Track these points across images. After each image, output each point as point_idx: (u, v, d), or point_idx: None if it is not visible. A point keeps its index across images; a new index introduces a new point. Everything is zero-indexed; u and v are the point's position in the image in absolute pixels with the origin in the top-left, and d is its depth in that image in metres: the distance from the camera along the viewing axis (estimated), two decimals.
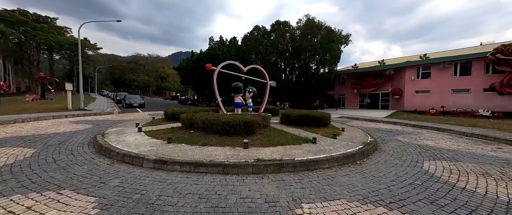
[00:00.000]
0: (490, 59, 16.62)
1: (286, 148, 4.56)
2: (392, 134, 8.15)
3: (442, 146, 5.95)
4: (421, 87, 20.57)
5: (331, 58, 24.38)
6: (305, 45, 22.21)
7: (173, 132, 5.96)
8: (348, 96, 28.08)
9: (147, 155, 3.79)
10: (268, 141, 5.08)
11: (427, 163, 4.23)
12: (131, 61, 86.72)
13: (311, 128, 7.21)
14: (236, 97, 8.75)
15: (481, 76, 17.60)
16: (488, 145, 6.28)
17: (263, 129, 6.26)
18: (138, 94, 71.97)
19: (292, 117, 7.50)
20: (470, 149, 5.68)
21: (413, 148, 5.68)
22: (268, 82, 10.07)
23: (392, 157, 4.73)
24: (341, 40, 24.40)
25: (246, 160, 3.67)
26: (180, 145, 4.60)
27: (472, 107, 16.84)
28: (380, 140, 6.73)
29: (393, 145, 5.96)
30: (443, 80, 19.39)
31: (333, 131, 6.86)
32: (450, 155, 4.95)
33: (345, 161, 4.18)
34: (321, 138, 5.75)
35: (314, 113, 7.57)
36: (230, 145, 4.61)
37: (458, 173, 3.67)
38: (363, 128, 9.20)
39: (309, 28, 22.43)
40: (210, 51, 21.44)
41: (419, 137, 7.41)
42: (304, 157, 3.94)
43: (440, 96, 19.15)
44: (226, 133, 5.29)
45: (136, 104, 18.88)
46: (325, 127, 7.64)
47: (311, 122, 7.35)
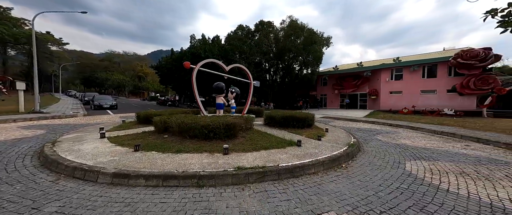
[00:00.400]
0: (452, 63, 18.40)
1: (270, 153, 4.24)
2: (372, 133, 8.37)
3: (418, 145, 6.17)
4: (395, 88, 22.05)
5: (313, 59, 24.96)
6: (288, 46, 22.40)
7: (144, 137, 5.27)
8: (329, 96, 29.07)
9: (105, 168, 3.15)
10: (251, 145, 4.71)
11: (408, 164, 4.24)
12: (104, 59, 79.81)
13: (296, 129, 7.04)
14: (218, 98, 8.24)
15: (445, 79, 19.41)
16: (457, 142, 6.70)
17: (246, 132, 5.88)
18: (112, 94, 66.47)
19: (276, 119, 7.25)
20: (443, 147, 5.96)
21: (393, 147, 5.78)
22: (251, 82, 9.72)
23: (375, 158, 4.70)
24: (323, 42, 25.13)
25: (225, 169, 3.25)
26: (149, 153, 3.99)
27: (438, 107, 18.47)
28: (362, 140, 6.80)
29: (374, 145, 6.02)
30: (413, 82, 21.00)
31: (317, 132, 6.76)
32: (427, 154, 5.09)
33: (331, 164, 3.99)
34: (306, 140, 5.56)
35: (298, 114, 7.41)
36: (208, 151, 4.14)
37: (439, 173, 3.69)
38: (345, 128, 9.34)
39: (292, 29, 22.68)
40: (192, 49, 20.42)
41: (397, 136, 7.69)
42: (289, 163, 3.65)
43: (411, 97, 20.70)
44: (205, 138, 4.80)
45: (106, 106, 17.10)
46: (309, 128, 7.54)
47: (296, 123, 7.17)
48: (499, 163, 4.33)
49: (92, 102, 17.29)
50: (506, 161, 4.46)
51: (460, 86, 18.15)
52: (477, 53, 17.33)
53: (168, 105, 26.72)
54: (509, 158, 4.76)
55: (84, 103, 20.71)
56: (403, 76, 21.72)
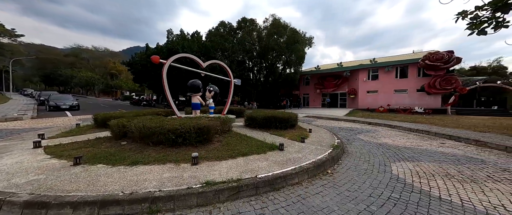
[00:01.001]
0: (421, 64, 19.83)
1: (248, 160, 3.67)
2: (353, 132, 8.32)
3: (399, 144, 6.15)
4: (371, 87, 23.15)
5: (296, 59, 25.09)
6: (271, 44, 22.11)
7: (96, 145, 4.32)
8: (311, 96, 29.61)
9: (15, 194, 2.27)
10: (227, 151, 4.09)
11: (394, 166, 4.03)
12: (69, 54, 71.57)
13: (278, 130, 6.59)
14: (194, 97, 7.43)
15: (415, 79, 20.87)
16: (433, 140, 6.88)
17: (223, 135, 5.24)
18: (79, 93, 59.89)
19: (257, 119, 6.72)
20: (421, 145, 6.00)
21: (376, 147, 5.65)
22: (232, 80, 9.05)
23: (361, 160, 4.43)
24: (305, 42, 25.38)
25: (189, 186, 2.59)
26: (93, 167, 3.14)
27: (410, 105, 19.77)
28: (346, 140, 6.62)
29: (357, 145, 5.83)
30: (388, 81, 22.24)
31: (300, 133, 6.39)
32: (409, 154, 5.00)
33: (316, 171, 3.57)
34: (289, 143, 5.11)
35: (281, 114, 6.98)
36: (174, 161, 3.42)
37: (425, 176, 3.49)
38: (328, 128, 9.21)
39: (275, 28, 22.45)
40: (168, 45, 18.89)
41: (377, 135, 7.71)
42: (269, 172, 3.12)
43: (386, 96, 21.91)
44: (172, 144, 4.05)
45: (65, 107, 14.89)
46: (292, 129, 7.16)
47: (278, 124, 6.73)
48: (476, 162, 4.34)
49: (47, 102, 14.91)
50: (482, 159, 4.51)
51: (427, 86, 19.66)
52: (442, 56, 18.90)
53: (142, 106, 24.57)
54: (482, 156, 4.87)
55: (39, 104, 17.90)
56: (379, 77, 22.91)
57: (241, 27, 24.40)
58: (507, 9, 5.99)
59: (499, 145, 5.57)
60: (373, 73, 23.33)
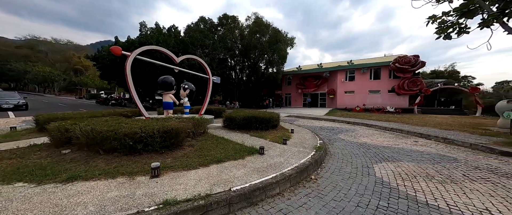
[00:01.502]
0: (392, 67, 21.34)
1: (222, 168, 3.16)
2: (334, 132, 8.33)
3: (377, 143, 6.21)
4: (349, 88, 24.27)
5: (278, 58, 25.12)
6: (254, 43, 21.73)
7: (26, 154, 3.38)
8: (293, 95, 30.04)
9: None
10: (198, 157, 3.52)
11: (377, 168, 3.89)
12: (22, 45, 62.23)
13: (259, 131, 6.18)
14: (165, 96, 6.63)
15: (387, 80, 22.41)
16: (407, 138, 7.15)
17: (196, 138, 4.63)
18: (34, 91, 52.36)
19: (237, 120, 6.21)
20: (398, 144, 6.13)
21: (357, 147, 5.58)
22: (210, 77, 8.38)
23: (344, 162, 4.23)
24: (287, 42, 25.56)
25: (140, 209, 2.00)
26: (8, 187, 2.32)
27: (382, 105, 21.14)
28: (327, 140, 6.50)
29: (339, 146, 5.72)
30: (363, 82, 23.53)
31: (282, 134, 6.07)
32: (388, 153, 4.99)
33: (299, 177, 3.22)
34: (270, 145, 4.72)
35: (262, 114, 6.58)
36: (128, 174, 2.76)
37: (408, 178, 3.38)
38: (309, 128, 9.11)
39: (257, 26, 22.11)
40: (141, 38, 17.21)
41: (356, 134, 7.79)
42: (246, 183, 2.66)
43: (361, 96, 23.14)
44: (130, 151, 3.34)
45: (7, 106, 12.51)
46: (274, 129, 6.82)
47: (259, 124, 6.32)
48: (450, 160, 4.46)
49: None
50: (454, 157, 4.67)
51: (397, 87, 21.24)
52: (409, 60, 20.57)
53: (110, 105, 22.11)
54: (453, 153, 5.07)
55: None
56: (355, 78, 24.12)
57: (222, 24, 23.53)
58: (471, 15, 6.43)
59: (464, 142, 5.94)
60: (350, 74, 24.49)
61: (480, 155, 4.90)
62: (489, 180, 3.27)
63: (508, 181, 3.28)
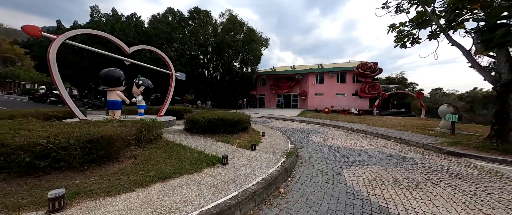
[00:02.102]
0: (355, 72, 23.24)
1: (169, 188, 2.44)
2: (305, 134, 8.27)
3: (345, 145, 6.26)
4: (319, 90, 25.53)
5: (253, 58, 24.79)
6: (227, 40, 20.86)
7: None
8: (267, 96, 30.17)
9: None
10: (138, 174, 2.71)
11: (347, 174, 3.71)
12: None
13: (227, 135, 5.55)
14: (111, 93, 5.42)
15: (351, 84, 24.31)
16: (370, 139, 7.50)
17: (144, 147, 3.74)
18: None
19: (200, 122, 5.43)
20: (363, 146, 6.29)
21: (327, 150, 5.48)
22: (173, 73, 7.34)
23: (315, 168, 3.96)
24: (262, 42, 25.46)
25: None
26: None
27: (348, 107, 22.81)
28: (298, 143, 6.29)
29: (310, 149, 5.52)
30: (331, 85, 25.05)
31: (252, 138, 5.57)
32: (356, 156, 4.97)
33: (266, 192, 2.73)
34: (237, 152, 4.15)
35: (231, 116, 5.96)
36: (9, 209, 1.80)
37: (377, 185, 3.25)
38: (282, 129, 8.90)
39: (231, 23, 21.33)
40: (92, 25, 14.57)
41: (326, 136, 7.86)
42: (195, 210, 2.02)
43: (330, 98, 24.59)
44: (30, 170, 2.32)
45: None
46: (244, 132, 6.28)
47: (227, 127, 5.68)
48: (409, 162, 4.63)
49: None
50: (412, 159, 4.90)
51: (360, 91, 23.25)
52: (370, 66, 22.73)
53: (49, 103, 18.14)
54: (411, 154, 5.37)
55: None
56: (325, 81, 25.52)
57: (193, 18, 21.93)
58: (424, 25, 7.07)
59: (418, 143, 6.44)
60: (320, 77, 25.81)
61: (433, 155, 5.28)
62: (447, 183, 3.37)
63: (462, 182, 3.43)
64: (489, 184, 3.39)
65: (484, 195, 2.96)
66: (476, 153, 5.02)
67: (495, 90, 5.20)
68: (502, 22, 4.47)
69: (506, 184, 3.39)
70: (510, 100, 4.86)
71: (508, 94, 4.88)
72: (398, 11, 8.45)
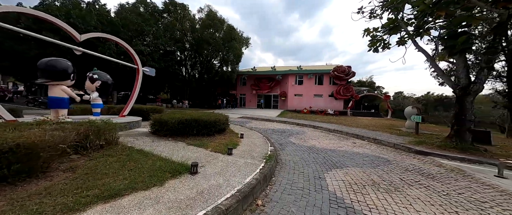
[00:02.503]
0: (331, 74, 24.39)
1: (113, 211, 1.86)
2: (285, 134, 8.12)
3: (324, 146, 6.23)
4: (298, 91, 26.13)
5: (233, 57, 24.20)
6: (206, 37, 19.89)
7: None
8: (248, 96, 29.83)
9: None
10: (72, 192, 2.06)
11: (328, 179, 3.53)
12: None
13: (201, 138, 4.99)
14: (53, 88, 4.41)
15: (328, 86, 25.44)
16: (346, 139, 7.67)
17: (91, 155, 3.00)
18: None
19: (170, 124, 4.77)
20: (341, 146, 6.35)
21: (307, 152, 5.33)
22: (139, 68, 6.44)
23: (295, 173, 3.71)
24: (243, 41, 25.03)
25: None
26: None
27: (324, 107, 23.77)
28: (278, 145, 6.04)
29: (290, 151, 5.31)
30: (310, 87, 25.85)
31: (229, 140, 5.12)
32: (335, 158, 4.90)
33: (241, 206, 2.34)
34: (210, 158, 3.66)
35: (206, 116, 5.41)
36: None
37: (359, 189, 3.12)
38: (261, 130, 8.61)
39: (210, 20, 20.43)
40: (41, 8, 12.30)
41: (305, 137, 7.81)
42: None
43: (308, 99, 25.35)
44: None
45: None
46: (221, 134, 5.78)
47: (202, 129, 5.12)
48: (385, 162, 4.72)
49: None
50: (387, 159, 5.02)
51: (335, 93, 24.46)
52: (344, 69, 24.08)
53: None
54: (385, 154, 5.54)
55: None
56: (303, 82, 26.23)
57: (168, 10, 20.40)
58: (395, 31, 7.49)
59: (389, 143, 6.76)
60: (299, 79, 26.45)
61: (403, 154, 5.53)
62: (422, 184, 3.41)
63: (434, 182, 3.52)
64: (457, 183, 3.55)
65: (456, 195, 3.04)
66: (439, 152, 5.40)
67: (454, 93, 5.70)
68: (463, 30, 4.89)
69: (471, 182, 3.59)
70: (467, 103, 5.36)
71: (466, 97, 5.36)
72: (372, 17, 8.90)
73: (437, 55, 5.87)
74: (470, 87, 5.18)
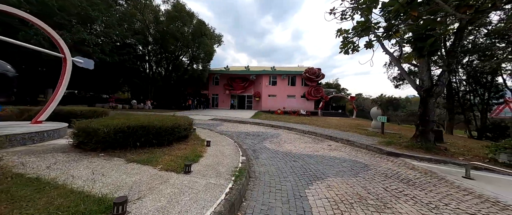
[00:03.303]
0: (303, 76, 25.07)
1: None
2: (260, 138, 7.44)
3: (300, 151, 5.77)
4: (272, 92, 26.07)
5: (204, 55, 22.58)
6: (172, 30, 17.86)
7: None
8: (221, 96, 28.43)
9: None
10: None
11: (310, 196, 2.94)
12: None
13: (153, 150, 3.85)
14: None
15: (300, 87, 26.09)
16: (322, 142, 7.44)
17: None
18: None
19: (101, 133, 3.47)
20: (317, 150, 5.98)
21: (284, 160, 4.72)
22: (66, 57, 4.82)
23: (271, 192, 3.00)
24: (214, 38, 23.63)
25: None
26: None
27: (297, 108, 24.23)
28: (252, 152, 5.30)
29: (265, 160, 4.62)
30: (283, 87, 26.07)
31: (191, 152, 4.11)
32: (314, 166, 4.42)
33: None
34: (157, 181, 2.64)
35: (160, 122, 4.27)
36: None
37: (347, 209, 2.58)
38: (234, 134, 7.74)
39: (177, 11, 18.46)
40: None
41: (280, 140, 7.29)
42: None
43: (282, 100, 25.50)
44: None
45: None
46: (182, 143, 4.71)
47: (153, 138, 3.97)
48: (364, 168, 4.44)
49: None
50: (365, 164, 4.77)
51: (307, 94, 25.25)
52: (315, 71, 25.05)
53: None
54: (360, 157, 5.35)
55: None
56: (277, 83, 26.31)
57: None
58: (367, 32, 7.59)
59: (362, 144, 6.74)
60: (273, 79, 26.44)
61: (377, 157, 5.44)
62: (408, 195, 3.11)
63: (417, 192, 3.27)
64: (437, 189, 3.39)
65: (443, 206, 2.78)
66: (408, 152, 5.49)
67: (419, 95, 5.93)
68: (430, 33, 5.04)
69: (448, 188, 3.48)
70: (430, 105, 5.59)
71: (429, 99, 5.59)
72: (343, 19, 8.98)
73: (402, 58, 6.03)
74: (433, 90, 5.42)
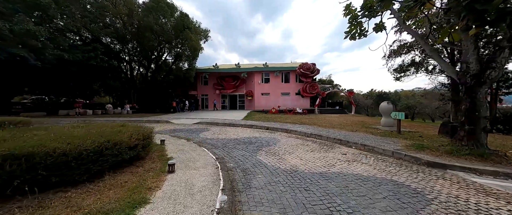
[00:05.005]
0: (297, 72, 23.61)
1: None
2: (253, 148, 5.75)
3: (310, 167, 4.16)
4: (265, 90, 24.45)
5: (190, 51, 20.53)
6: (150, 23, 15.71)
7: None
8: (211, 97, 26.45)
9: None
10: None
11: None
12: None
13: (67, 190, 2.04)
14: None
15: (294, 84, 24.63)
16: (332, 148, 5.88)
17: None
18: None
19: None
20: (333, 165, 4.40)
21: (290, 188, 3.07)
22: None
23: None
24: (200, 33, 21.61)
25: None
26: None
27: (292, 106, 22.75)
28: (241, 174, 3.61)
29: (260, 191, 2.94)
30: (277, 85, 24.51)
31: (134, 188, 2.36)
32: (338, 198, 2.80)
33: None
34: None
35: (78, 138, 2.47)
36: None
37: None
38: (219, 144, 5.99)
39: (155, 2, 16.32)
40: None
41: (280, 149, 5.65)
42: None
43: (275, 98, 23.94)
44: None
45: None
46: (127, 170, 2.93)
47: (49, 173, 2.16)
48: (419, 200, 2.86)
49: None
50: (410, 187, 3.21)
51: (302, 90, 23.82)
52: (309, 67, 23.65)
53: None
54: (395, 174, 3.80)
55: None
56: (270, 80, 24.71)
57: None
58: (388, 4, 6.08)
59: (385, 150, 5.25)
60: (266, 76, 24.82)
61: (418, 171, 3.91)
62: None
63: None
64: None
65: None
66: (458, 162, 4.00)
67: (462, 84, 4.46)
68: None
69: None
70: (480, 96, 4.14)
71: (478, 88, 4.13)
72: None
73: (440, 33, 4.56)
74: (485, 74, 3.97)
